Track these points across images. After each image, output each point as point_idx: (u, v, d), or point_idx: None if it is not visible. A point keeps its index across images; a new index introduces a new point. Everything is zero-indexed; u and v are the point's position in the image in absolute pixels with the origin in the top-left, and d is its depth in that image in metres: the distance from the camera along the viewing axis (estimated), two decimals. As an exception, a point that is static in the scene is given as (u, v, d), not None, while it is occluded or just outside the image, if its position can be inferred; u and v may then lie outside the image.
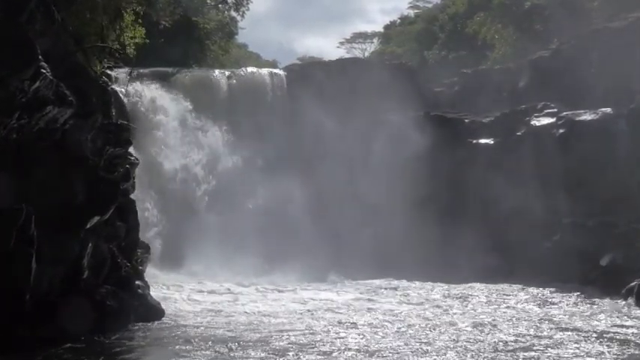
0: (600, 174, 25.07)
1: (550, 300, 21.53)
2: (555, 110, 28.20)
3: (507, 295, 22.28)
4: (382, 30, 68.44)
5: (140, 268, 19.44)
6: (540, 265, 24.57)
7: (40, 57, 12.99)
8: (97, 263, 15.80)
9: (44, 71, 13.10)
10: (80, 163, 15.23)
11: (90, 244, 15.37)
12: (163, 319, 17.15)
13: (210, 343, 14.42)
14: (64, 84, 14.17)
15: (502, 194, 25.78)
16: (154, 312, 17.34)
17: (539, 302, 21.14)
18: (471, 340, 15.19)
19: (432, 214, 26.57)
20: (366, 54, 67.13)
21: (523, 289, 23.32)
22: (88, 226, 15.29)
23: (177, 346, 14.21)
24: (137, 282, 17.61)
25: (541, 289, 23.03)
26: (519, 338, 15.50)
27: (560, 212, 25.87)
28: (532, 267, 24.59)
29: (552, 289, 22.84)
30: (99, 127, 16.32)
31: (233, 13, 47.44)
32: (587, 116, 26.96)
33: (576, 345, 14.85)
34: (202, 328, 16.21)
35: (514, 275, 24.40)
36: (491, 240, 25.56)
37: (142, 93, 29.40)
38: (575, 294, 22.12)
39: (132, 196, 19.76)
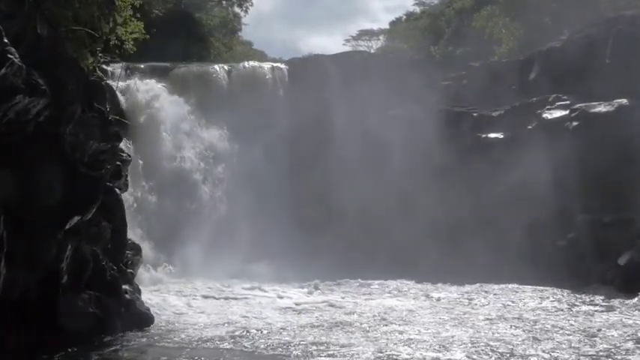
0: (616, 168, 23.79)
1: (564, 302, 20.27)
2: (568, 102, 26.93)
3: (520, 298, 21.07)
4: (388, 27, 67.55)
5: (130, 271, 18.31)
6: (555, 265, 23.37)
7: (5, 40, 11.79)
8: (78, 267, 14.61)
9: (12, 57, 11.90)
10: (58, 158, 14.05)
11: (69, 246, 14.19)
12: (152, 326, 16.03)
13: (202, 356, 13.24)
14: (37, 72, 12.99)
15: (513, 190, 24.61)
16: (143, 319, 16.20)
17: (551, 304, 19.92)
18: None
19: (440, 210, 25.56)
20: (372, 51, 66.11)
21: (535, 290, 22.07)
22: (67, 226, 14.13)
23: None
24: (124, 286, 16.44)
25: (557, 289, 21.82)
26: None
27: (574, 209, 24.58)
28: (546, 266, 23.36)
29: (568, 291, 21.59)
30: (80, 120, 15.10)
31: (236, 9, 46.86)
32: (602, 108, 25.66)
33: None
34: (197, 336, 15.06)
35: (527, 276, 23.12)
36: (502, 238, 24.36)
37: (140, 88, 28.61)
38: (594, 295, 20.91)
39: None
